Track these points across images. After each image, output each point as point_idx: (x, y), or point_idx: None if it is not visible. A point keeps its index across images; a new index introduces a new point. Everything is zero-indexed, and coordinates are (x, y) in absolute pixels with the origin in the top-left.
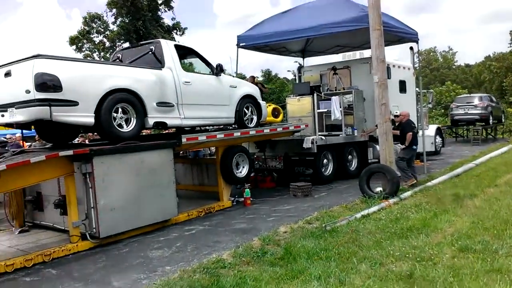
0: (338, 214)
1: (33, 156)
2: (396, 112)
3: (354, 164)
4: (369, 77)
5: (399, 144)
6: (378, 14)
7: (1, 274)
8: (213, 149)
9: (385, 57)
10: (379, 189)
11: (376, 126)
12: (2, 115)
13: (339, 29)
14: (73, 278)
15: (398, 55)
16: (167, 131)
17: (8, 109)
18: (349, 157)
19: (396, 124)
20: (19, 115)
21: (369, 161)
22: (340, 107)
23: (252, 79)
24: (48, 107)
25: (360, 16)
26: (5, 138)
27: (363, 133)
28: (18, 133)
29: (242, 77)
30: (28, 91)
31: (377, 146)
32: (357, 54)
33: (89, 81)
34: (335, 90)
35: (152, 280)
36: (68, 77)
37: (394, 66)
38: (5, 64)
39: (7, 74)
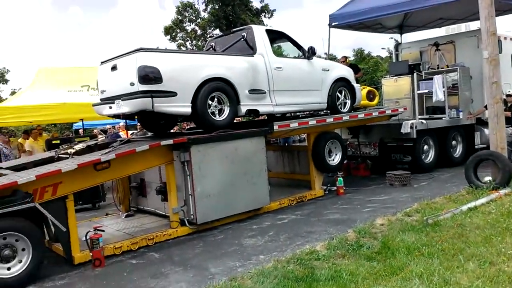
0: (441, 206)
1: (138, 145)
2: (509, 91)
3: (458, 151)
4: (476, 52)
5: None
6: None
7: (110, 256)
8: (303, 135)
9: (496, 29)
10: (488, 178)
11: (485, 107)
12: (110, 107)
13: (442, 0)
14: (174, 262)
15: (510, 26)
16: (257, 118)
17: (115, 101)
18: (453, 142)
19: (509, 104)
20: (125, 107)
21: (476, 147)
22: (444, 87)
23: (344, 60)
24: (150, 99)
25: None
26: (106, 128)
27: (469, 115)
28: (118, 123)
29: (332, 58)
30: (132, 84)
31: (486, 130)
32: (463, 27)
33: (186, 71)
34: (438, 68)
35: (247, 268)
36: (167, 69)
37: (505, 38)
38: (111, 59)
39: (114, 68)
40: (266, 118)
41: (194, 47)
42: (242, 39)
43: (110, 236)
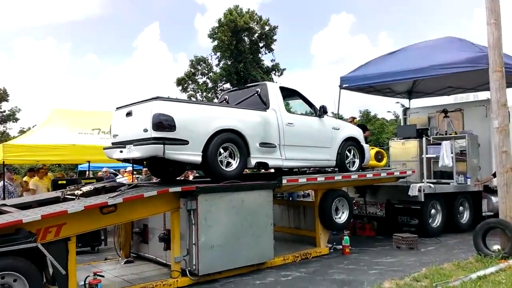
0: (449, 273)
1: (146, 190)
2: None
3: (465, 217)
4: (484, 121)
5: None
6: (500, 54)
7: None
8: (307, 191)
9: (507, 100)
10: (496, 247)
11: (493, 175)
12: (121, 151)
13: (453, 70)
14: None
15: None
16: (263, 171)
17: (126, 145)
18: (460, 208)
19: None
20: (136, 152)
21: (483, 214)
22: (452, 153)
23: (352, 120)
24: (162, 145)
25: (477, 56)
26: (102, 171)
27: (477, 182)
28: (125, 167)
29: (340, 118)
30: (146, 130)
31: (493, 198)
32: (471, 96)
33: (199, 121)
34: (446, 134)
35: None
36: (181, 118)
37: None
38: (127, 105)
39: (129, 113)
40: (273, 172)
41: (204, 99)
42: (256, 94)
43: (108, 282)
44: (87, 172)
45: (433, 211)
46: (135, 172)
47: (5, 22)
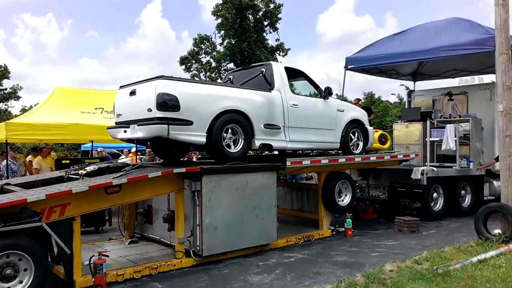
0: (450, 256)
1: (150, 171)
2: None
3: (467, 201)
4: (488, 105)
5: None
6: (506, 37)
7: (112, 283)
8: (309, 173)
9: None
10: (497, 231)
11: (495, 159)
12: (125, 131)
13: (459, 52)
14: None
15: None
16: (267, 153)
17: (130, 125)
18: (462, 192)
19: None
20: (140, 132)
21: (485, 198)
22: (455, 137)
23: (357, 102)
24: (167, 126)
25: (484, 38)
26: (97, 150)
27: (479, 166)
28: (129, 147)
29: (344, 100)
30: (150, 110)
31: (495, 182)
32: (476, 79)
33: (204, 101)
34: (450, 117)
35: None
36: (186, 98)
37: None
38: (131, 84)
39: (132, 93)
40: (277, 153)
41: (208, 79)
42: (261, 74)
43: (112, 262)
44: (91, 152)
45: (435, 194)
46: (139, 153)
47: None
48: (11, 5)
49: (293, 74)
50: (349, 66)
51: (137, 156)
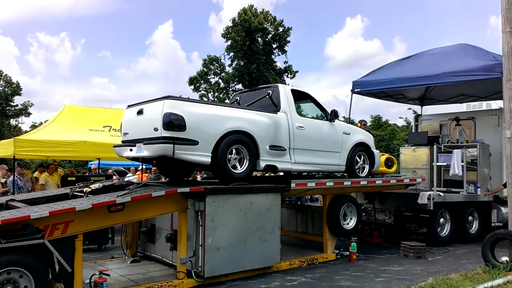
0: (456, 283)
1: (154, 190)
2: None
3: (474, 227)
4: (496, 131)
5: None
6: None
7: None
8: (315, 195)
9: None
10: (505, 258)
11: (504, 185)
12: (131, 150)
13: (466, 78)
14: None
15: None
16: (273, 174)
17: (136, 144)
18: (469, 218)
19: None
20: (146, 151)
21: (492, 224)
22: (463, 162)
23: (361, 124)
24: (172, 145)
25: (491, 64)
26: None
27: (487, 192)
28: (135, 165)
29: (350, 122)
30: (156, 129)
31: (503, 209)
32: (484, 105)
33: (210, 122)
34: (457, 142)
35: None
36: (192, 118)
37: None
38: (138, 103)
39: (140, 112)
40: (282, 175)
41: (216, 99)
42: (267, 96)
43: (113, 281)
44: (97, 169)
45: (441, 220)
46: (147, 171)
47: (19, 17)
48: (26, 23)
49: (300, 96)
50: (355, 90)
51: (144, 173)
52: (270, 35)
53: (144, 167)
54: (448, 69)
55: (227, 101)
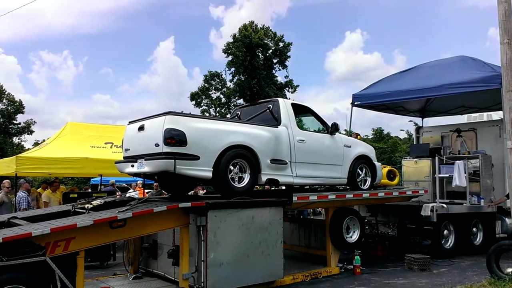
0: None
1: (156, 205)
2: None
3: (479, 238)
4: (498, 141)
5: None
6: None
7: None
8: (318, 209)
9: None
10: (510, 270)
11: (507, 196)
12: (132, 165)
13: (465, 90)
14: None
15: None
16: (275, 188)
17: (138, 160)
18: (474, 229)
19: None
20: (147, 166)
21: (497, 235)
22: (465, 173)
23: (356, 136)
24: (173, 160)
25: (490, 76)
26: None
27: (490, 203)
28: (136, 181)
29: (350, 135)
30: (157, 145)
31: (507, 219)
32: (484, 116)
33: (211, 137)
34: (459, 153)
35: None
36: (193, 133)
37: None
38: (140, 119)
39: (141, 128)
40: (284, 189)
41: (217, 114)
42: (268, 110)
43: None
44: (99, 186)
45: (445, 231)
46: (153, 188)
47: (22, 36)
48: (29, 42)
49: (300, 110)
50: (355, 103)
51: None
52: (271, 50)
53: (141, 182)
54: (448, 81)
55: (228, 116)
